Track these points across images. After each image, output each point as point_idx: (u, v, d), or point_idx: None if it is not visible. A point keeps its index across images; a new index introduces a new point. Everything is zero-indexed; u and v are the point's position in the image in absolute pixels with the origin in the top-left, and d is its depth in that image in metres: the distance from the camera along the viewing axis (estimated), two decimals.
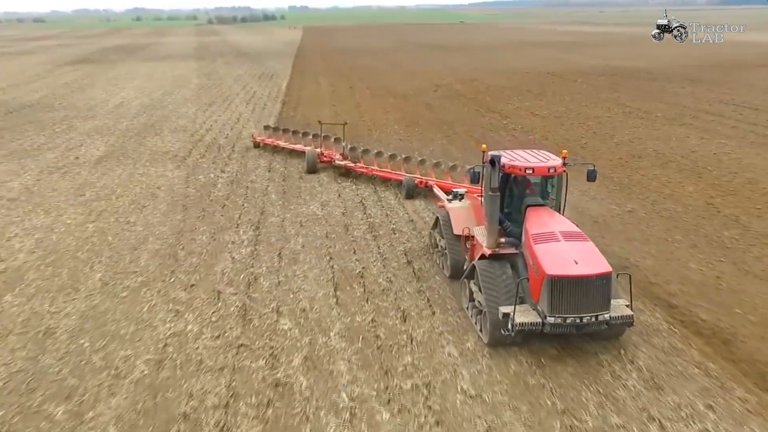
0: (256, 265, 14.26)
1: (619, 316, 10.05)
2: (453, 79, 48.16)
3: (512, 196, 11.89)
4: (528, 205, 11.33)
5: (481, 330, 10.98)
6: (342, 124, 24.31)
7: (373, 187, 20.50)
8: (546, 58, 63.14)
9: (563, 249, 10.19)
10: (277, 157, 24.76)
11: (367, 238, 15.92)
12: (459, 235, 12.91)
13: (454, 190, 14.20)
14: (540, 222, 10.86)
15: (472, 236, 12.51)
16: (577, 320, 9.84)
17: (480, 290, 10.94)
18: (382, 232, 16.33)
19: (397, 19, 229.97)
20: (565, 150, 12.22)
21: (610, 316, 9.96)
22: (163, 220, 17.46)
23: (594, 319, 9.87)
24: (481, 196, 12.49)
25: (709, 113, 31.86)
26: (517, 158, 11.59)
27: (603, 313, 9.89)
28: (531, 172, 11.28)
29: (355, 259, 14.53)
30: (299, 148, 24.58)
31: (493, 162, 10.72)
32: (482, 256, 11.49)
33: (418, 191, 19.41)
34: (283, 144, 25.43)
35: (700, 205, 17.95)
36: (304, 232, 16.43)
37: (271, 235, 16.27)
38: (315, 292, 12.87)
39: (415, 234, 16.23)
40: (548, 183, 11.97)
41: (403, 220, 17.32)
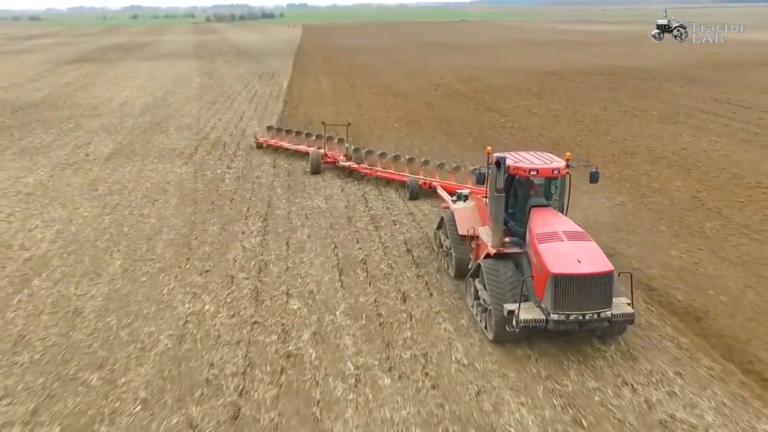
0: (266, 253, 15.52)
1: (620, 314, 10.55)
2: (453, 78, 49.42)
3: (516, 197, 12.43)
4: (532, 206, 11.85)
5: (486, 327, 11.49)
6: (346, 125, 25.01)
7: (374, 183, 21.71)
8: (546, 57, 64.38)
9: (566, 248, 10.71)
10: (281, 154, 25.95)
11: (369, 229, 17.17)
12: (464, 235, 13.43)
13: (457, 191, 14.84)
14: (544, 222, 11.40)
15: (477, 236, 13.01)
16: (580, 317, 10.35)
17: (485, 288, 11.46)
18: (383, 224, 17.58)
19: (397, 18, 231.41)
20: (569, 153, 12.81)
21: (612, 314, 10.46)
22: (175, 213, 18.71)
23: (596, 317, 10.38)
24: (486, 197, 12.97)
25: (703, 112, 33.10)
26: (521, 160, 12.11)
27: (605, 310, 10.40)
28: (535, 173, 11.83)
29: (358, 248, 15.79)
30: (303, 149, 25.17)
31: (498, 164, 11.29)
32: (487, 255, 11.98)
33: (422, 192, 20.00)
34: (286, 145, 26.01)
35: (686, 199, 19.19)
36: (310, 223, 17.69)
37: (278, 226, 17.52)
38: (321, 276, 14.13)
39: (415, 225, 17.48)
40: (552, 184, 12.47)
41: (403, 213, 18.57)
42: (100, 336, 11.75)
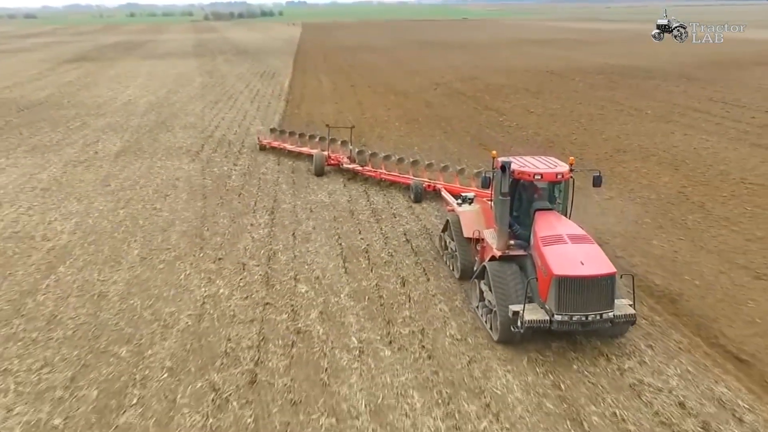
0: (274, 243, 16.92)
1: (622, 315, 11.04)
2: (453, 77, 50.85)
3: (521, 201, 12.78)
4: (536, 209, 12.27)
5: (491, 328, 12.00)
6: (350, 128, 25.76)
7: (375, 180, 23.05)
8: (547, 56, 65.81)
9: (570, 251, 11.16)
10: (285, 153, 27.24)
11: (371, 221, 18.57)
12: (469, 238, 13.98)
13: (462, 194, 15.46)
14: (548, 225, 11.83)
15: (482, 239, 13.56)
16: (583, 318, 10.83)
17: (490, 290, 11.95)
18: (384, 216, 18.98)
19: (398, 16, 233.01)
20: (572, 157, 13.31)
21: (614, 315, 10.96)
22: (186, 207, 20.10)
23: (599, 317, 10.87)
24: (491, 200, 13.55)
25: (697, 111, 34.50)
26: (526, 164, 12.58)
27: (607, 311, 10.90)
28: (539, 177, 12.26)
29: (360, 238, 17.19)
30: (306, 151, 25.77)
31: (504, 168, 11.71)
32: (492, 258, 12.51)
33: (426, 194, 20.63)
34: (289, 147, 26.57)
35: (672, 194, 20.57)
36: (314, 216, 19.08)
37: (284, 218, 18.92)
38: (326, 264, 15.53)
39: (414, 218, 18.88)
40: (556, 188, 12.85)
41: (403, 207, 19.97)
42: (125, 316, 13.13)
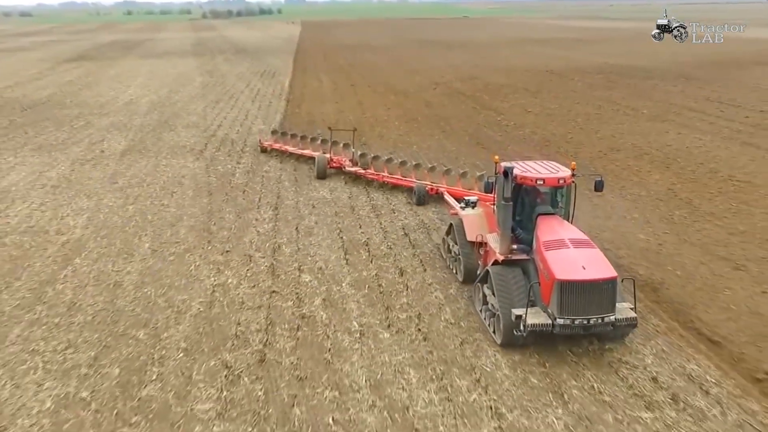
0: (278, 237, 18.05)
1: (623, 318, 11.47)
2: (453, 76, 52.02)
3: (524, 205, 13.14)
4: (539, 214, 12.62)
5: (494, 331, 12.37)
6: (352, 131, 26.16)
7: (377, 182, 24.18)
8: (547, 56, 66.99)
9: (572, 255, 11.51)
10: (286, 155, 28.30)
11: (371, 216, 19.72)
12: (472, 242, 14.36)
13: (465, 198, 15.86)
14: (550, 230, 12.18)
15: (485, 242, 13.93)
16: (585, 321, 11.21)
17: (493, 294, 12.33)
18: (383, 212, 20.13)
19: (398, 14, 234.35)
20: (574, 162, 13.98)
21: (616, 318, 11.36)
22: (193, 203, 21.23)
23: (600, 321, 11.26)
24: (494, 205, 13.90)
25: (692, 110, 35.64)
26: (528, 169, 12.89)
27: (609, 315, 11.30)
28: (542, 182, 12.62)
29: (361, 232, 18.33)
30: (308, 153, 26.17)
31: (506, 173, 12.04)
32: (495, 262, 12.86)
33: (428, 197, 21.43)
34: (291, 149, 26.97)
35: (662, 191, 21.71)
36: (316, 212, 20.22)
37: (288, 214, 20.06)
38: (328, 255, 16.66)
39: (412, 213, 20.01)
40: (558, 193, 13.21)
41: (402, 203, 21.12)
42: (141, 303, 14.26)
